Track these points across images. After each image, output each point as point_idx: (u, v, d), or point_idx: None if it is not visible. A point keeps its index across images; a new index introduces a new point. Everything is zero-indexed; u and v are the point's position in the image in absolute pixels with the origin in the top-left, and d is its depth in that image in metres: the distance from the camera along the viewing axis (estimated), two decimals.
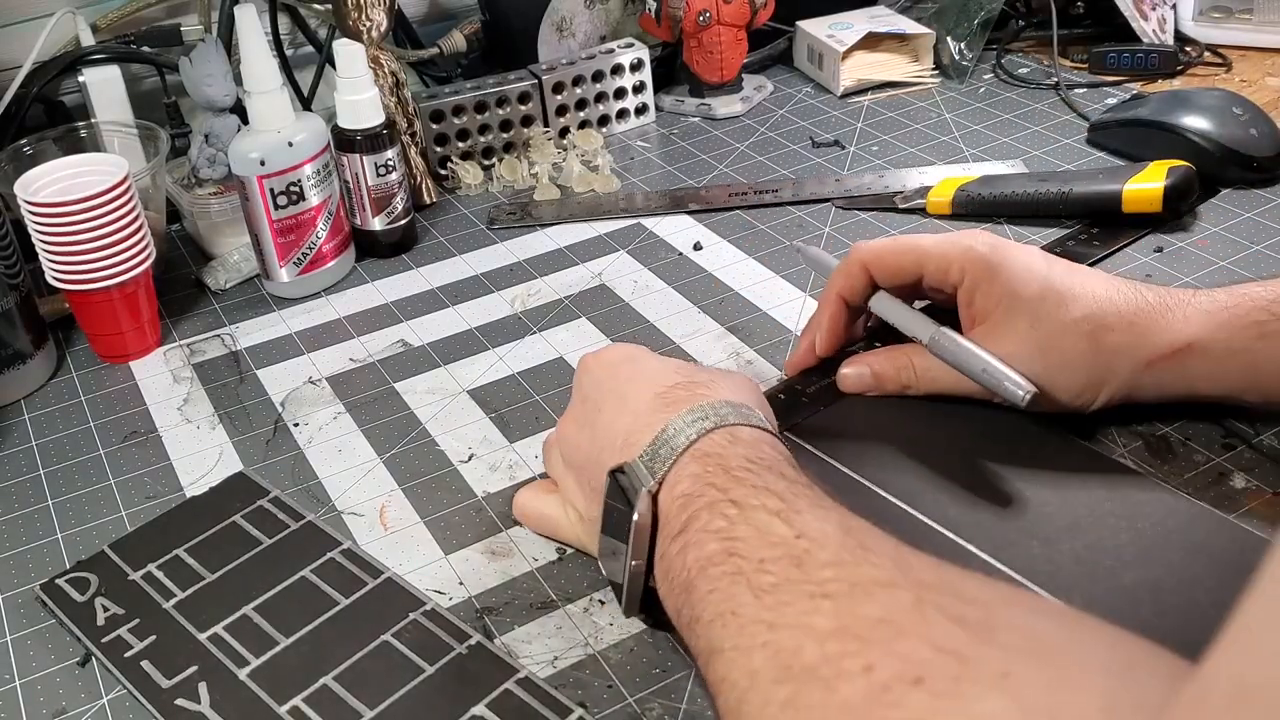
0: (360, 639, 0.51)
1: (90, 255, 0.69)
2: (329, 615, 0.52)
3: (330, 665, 0.50)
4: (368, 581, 0.54)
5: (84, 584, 0.55)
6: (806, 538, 0.40)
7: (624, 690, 0.48)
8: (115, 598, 0.54)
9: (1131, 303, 0.54)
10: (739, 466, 0.45)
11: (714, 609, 0.40)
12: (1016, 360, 0.54)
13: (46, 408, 0.70)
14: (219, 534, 0.57)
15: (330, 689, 0.48)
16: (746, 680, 0.37)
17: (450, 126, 0.91)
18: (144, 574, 0.55)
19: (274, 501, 0.59)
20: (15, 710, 0.50)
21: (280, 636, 0.51)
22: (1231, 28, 1.00)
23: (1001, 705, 0.31)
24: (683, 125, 0.98)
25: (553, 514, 0.54)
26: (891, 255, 0.59)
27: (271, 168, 0.74)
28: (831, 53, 0.99)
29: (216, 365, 0.72)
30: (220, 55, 0.80)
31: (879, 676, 0.33)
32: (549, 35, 0.99)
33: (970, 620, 0.34)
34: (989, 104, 0.95)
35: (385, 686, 0.48)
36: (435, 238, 0.84)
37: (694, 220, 0.83)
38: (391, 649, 0.50)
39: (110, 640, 0.52)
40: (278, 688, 0.49)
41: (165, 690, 0.49)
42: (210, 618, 0.52)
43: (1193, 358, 0.53)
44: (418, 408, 0.66)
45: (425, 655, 0.50)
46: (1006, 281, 0.55)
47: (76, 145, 0.82)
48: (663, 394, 0.49)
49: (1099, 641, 0.33)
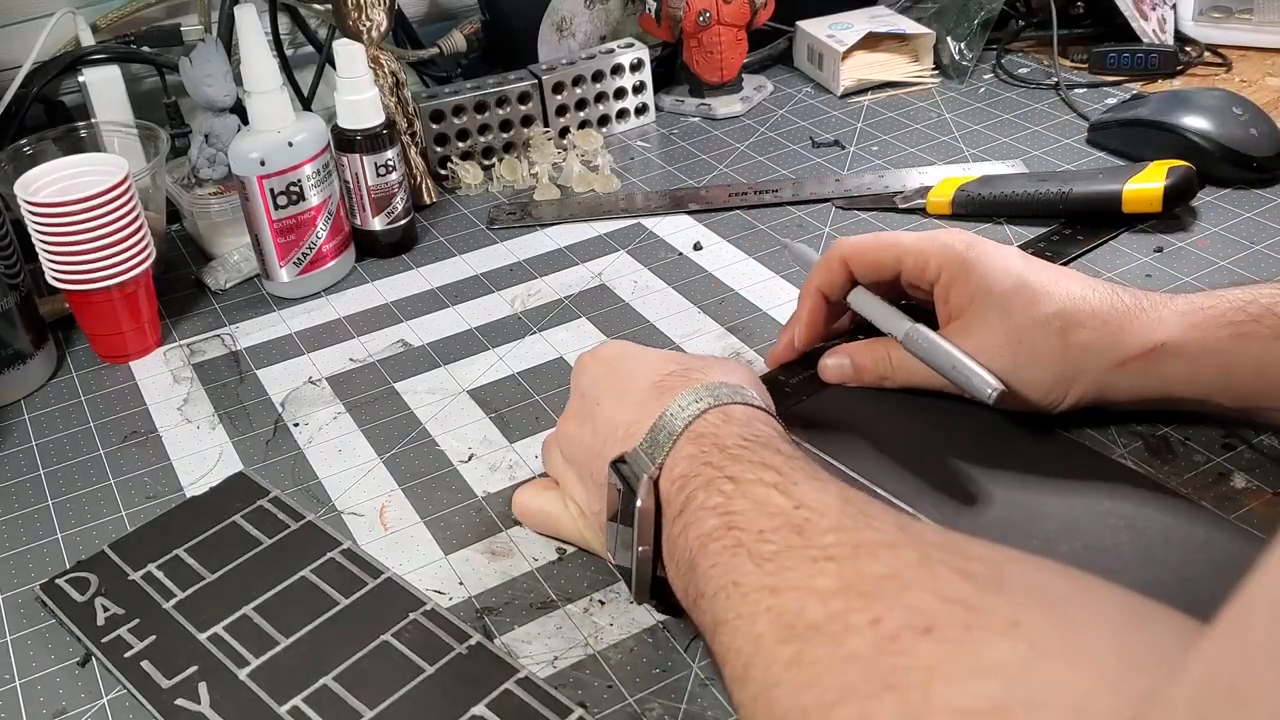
0: (360, 639, 0.51)
1: (90, 255, 0.69)
2: (329, 615, 0.52)
3: (330, 665, 0.50)
4: (368, 581, 0.54)
5: (84, 584, 0.55)
6: (806, 508, 0.40)
7: (624, 690, 0.48)
8: (115, 598, 0.54)
9: (1105, 302, 0.54)
10: (734, 444, 0.45)
11: (716, 583, 0.40)
12: (987, 355, 0.54)
13: (46, 408, 0.70)
14: (219, 534, 0.57)
15: (330, 689, 0.49)
16: (751, 645, 0.37)
17: (450, 126, 0.91)
18: (144, 574, 0.55)
19: (274, 501, 0.59)
20: (15, 710, 0.50)
21: (280, 636, 0.51)
22: (1231, 28, 1.00)
23: (1013, 650, 0.31)
24: (683, 125, 0.98)
25: (553, 510, 0.54)
26: (870, 251, 0.59)
27: (271, 168, 0.74)
28: (831, 53, 0.99)
29: (216, 365, 0.72)
30: (220, 55, 0.80)
31: (887, 628, 0.33)
32: (549, 35, 1.00)
33: (978, 574, 0.34)
34: (989, 104, 0.95)
35: (385, 686, 0.48)
36: (435, 238, 0.84)
37: (694, 220, 0.83)
38: (391, 649, 0.50)
39: (110, 640, 0.52)
40: (278, 688, 0.49)
41: (165, 690, 0.49)
42: (210, 618, 0.53)
43: (1166, 358, 0.52)
44: (418, 408, 0.66)
45: (425, 655, 0.50)
46: (981, 278, 0.55)
47: (76, 145, 0.82)
48: (658, 383, 0.50)
49: (1108, 595, 0.33)
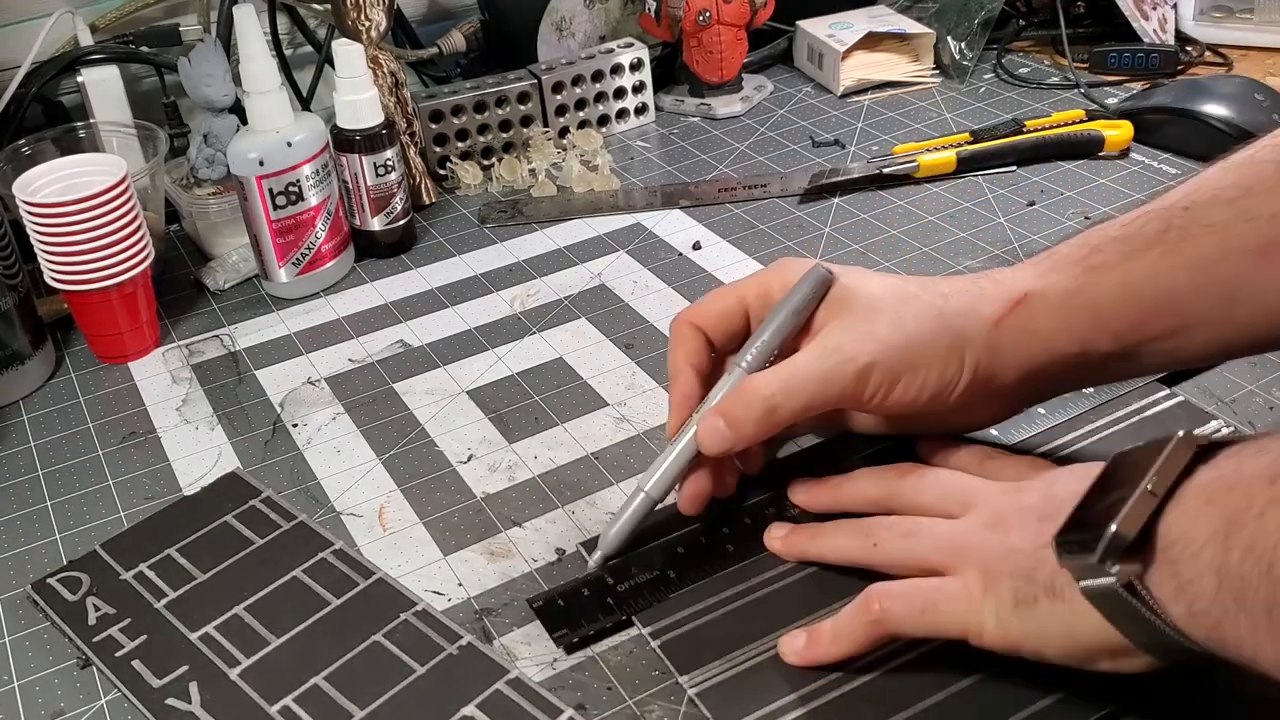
0: (351, 639, 0.51)
1: (89, 256, 0.69)
2: (320, 615, 0.52)
3: (321, 665, 0.49)
4: (359, 582, 0.54)
5: (75, 583, 0.55)
6: None
7: (623, 692, 0.48)
8: (106, 597, 0.54)
9: (965, 278, 0.52)
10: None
11: None
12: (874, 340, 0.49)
13: (45, 408, 0.69)
14: (211, 534, 0.57)
15: (321, 689, 0.48)
16: None
17: (449, 126, 0.91)
18: (135, 573, 0.55)
19: (266, 502, 0.59)
20: (13, 711, 0.50)
21: (271, 636, 0.51)
22: (1232, 27, 1.00)
23: None
24: (683, 125, 0.98)
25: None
26: (710, 302, 0.55)
27: (270, 168, 0.74)
28: (832, 52, 0.99)
29: (215, 366, 0.72)
30: (219, 55, 0.80)
31: None
32: (548, 35, 0.99)
33: None
34: (989, 104, 0.95)
35: (376, 687, 0.48)
36: (434, 238, 0.84)
37: (693, 220, 0.83)
38: (382, 649, 0.50)
39: (101, 640, 0.52)
40: (268, 688, 0.49)
41: (156, 690, 0.49)
42: (201, 617, 0.52)
43: (1034, 310, 0.50)
44: (417, 408, 0.66)
45: (416, 655, 0.50)
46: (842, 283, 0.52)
47: (75, 145, 0.82)
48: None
49: None
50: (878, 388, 0.50)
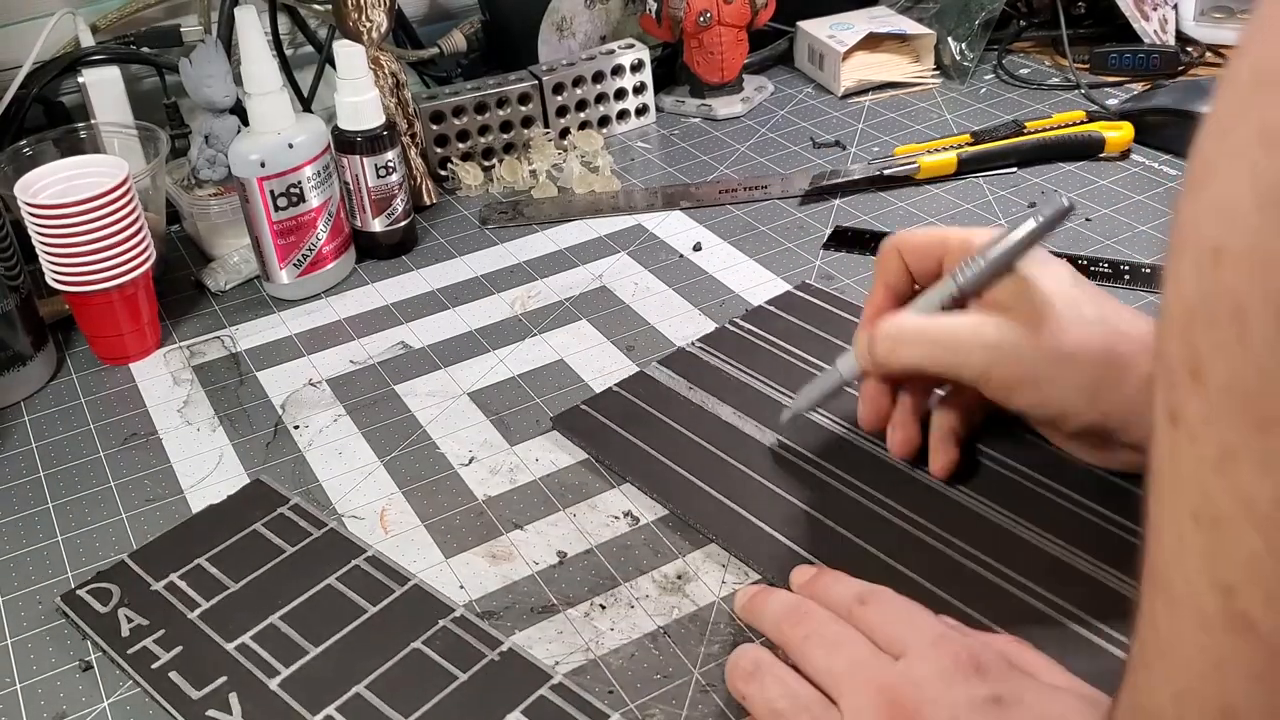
0: (390, 647, 0.50)
1: (90, 257, 0.69)
2: (357, 623, 0.52)
3: (361, 674, 0.49)
4: (394, 589, 0.53)
5: (106, 595, 0.54)
6: None
7: (625, 695, 0.48)
8: (139, 608, 0.53)
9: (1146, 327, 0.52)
10: None
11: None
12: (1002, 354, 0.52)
13: (46, 410, 0.69)
14: (240, 542, 0.57)
15: (363, 698, 0.48)
16: None
17: (450, 127, 0.91)
18: (166, 584, 0.55)
19: (294, 509, 0.59)
20: (16, 713, 0.50)
21: (309, 645, 0.51)
22: (1233, 28, 0.99)
23: None
24: (683, 126, 0.98)
25: None
26: (919, 236, 0.58)
27: (271, 169, 0.74)
28: (832, 53, 0.99)
29: (216, 367, 0.72)
30: (220, 56, 0.80)
31: None
32: (549, 35, 0.99)
33: None
34: (990, 104, 0.95)
35: (418, 695, 0.48)
36: (435, 239, 0.84)
37: (694, 221, 0.83)
38: (423, 657, 0.50)
39: (136, 651, 0.51)
40: (310, 697, 0.48)
41: (196, 701, 0.49)
42: (237, 627, 0.52)
43: None
44: (418, 410, 0.66)
45: (457, 662, 0.49)
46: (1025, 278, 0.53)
47: (76, 146, 0.82)
48: None
49: None
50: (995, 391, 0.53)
